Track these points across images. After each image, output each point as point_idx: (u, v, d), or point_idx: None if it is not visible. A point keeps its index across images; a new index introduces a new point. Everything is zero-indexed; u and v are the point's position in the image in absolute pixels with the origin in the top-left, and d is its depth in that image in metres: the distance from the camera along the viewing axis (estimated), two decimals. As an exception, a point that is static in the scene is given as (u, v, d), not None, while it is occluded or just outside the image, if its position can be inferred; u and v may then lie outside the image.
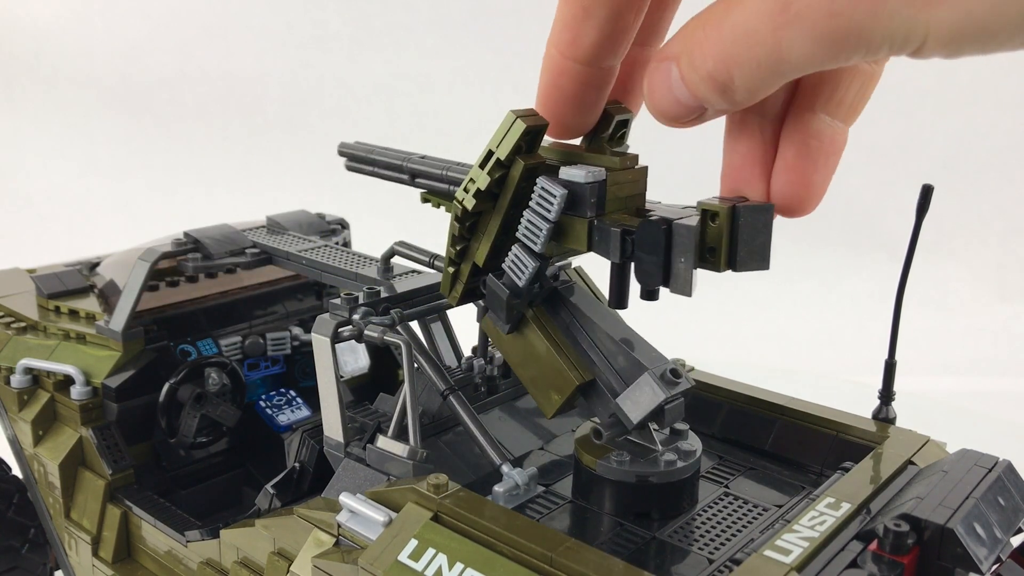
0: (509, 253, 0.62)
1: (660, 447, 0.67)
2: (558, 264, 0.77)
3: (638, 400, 0.62)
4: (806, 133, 0.51)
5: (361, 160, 0.86)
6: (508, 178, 0.60)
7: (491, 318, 0.67)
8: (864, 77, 0.50)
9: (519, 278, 0.62)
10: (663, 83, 0.46)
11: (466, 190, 0.61)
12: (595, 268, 0.75)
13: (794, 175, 0.51)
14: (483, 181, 0.60)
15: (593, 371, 0.65)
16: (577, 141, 0.61)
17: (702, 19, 0.44)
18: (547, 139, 0.60)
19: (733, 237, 0.53)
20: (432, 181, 0.79)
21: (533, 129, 0.57)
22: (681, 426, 0.70)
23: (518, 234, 0.61)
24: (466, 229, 0.63)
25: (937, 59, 0.39)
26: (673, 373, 0.62)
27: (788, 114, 0.52)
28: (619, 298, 0.60)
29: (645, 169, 0.61)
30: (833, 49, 0.39)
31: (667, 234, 0.55)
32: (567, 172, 0.59)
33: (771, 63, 0.41)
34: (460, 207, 0.62)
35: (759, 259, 0.54)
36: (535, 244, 0.60)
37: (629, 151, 0.61)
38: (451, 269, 0.66)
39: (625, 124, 0.60)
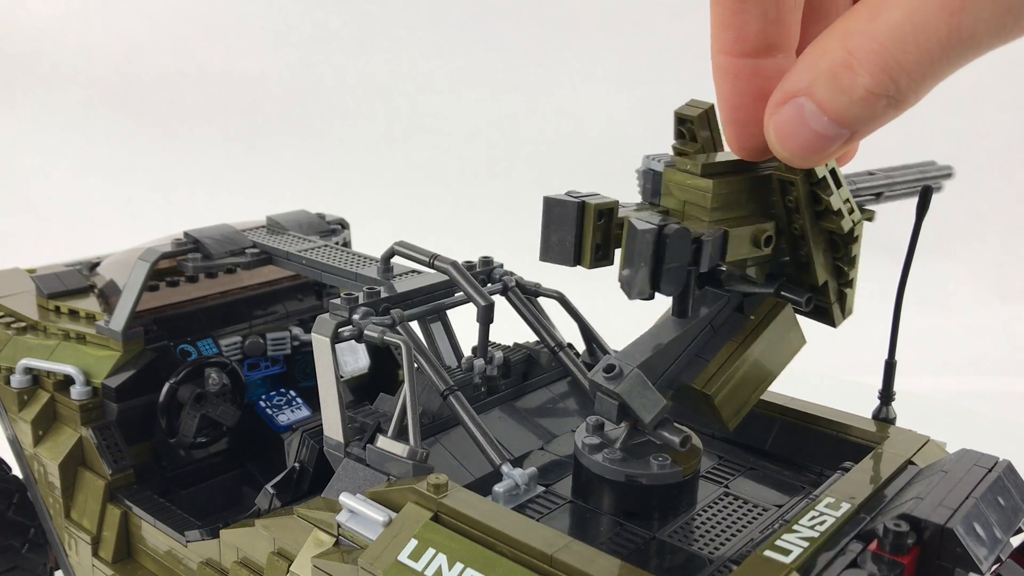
0: None
1: (616, 443, 0.67)
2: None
3: None
4: None
5: None
6: None
7: None
8: None
9: None
10: (794, 121, 0.42)
11: None
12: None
13: None
14: None
15: None
16: None
17: (836, 37, 0.40)
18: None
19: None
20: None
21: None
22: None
23: None
24: None
25: None
26: (607, 368, 0.62)
27: None
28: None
29: (704, 182, 0.57)
30: None
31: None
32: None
33: (946, 53, 0.37)
34: None
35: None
36: None
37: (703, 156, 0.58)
38: None
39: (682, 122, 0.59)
